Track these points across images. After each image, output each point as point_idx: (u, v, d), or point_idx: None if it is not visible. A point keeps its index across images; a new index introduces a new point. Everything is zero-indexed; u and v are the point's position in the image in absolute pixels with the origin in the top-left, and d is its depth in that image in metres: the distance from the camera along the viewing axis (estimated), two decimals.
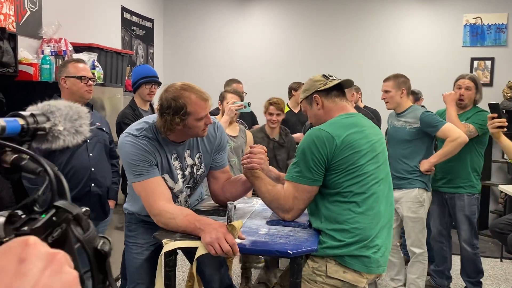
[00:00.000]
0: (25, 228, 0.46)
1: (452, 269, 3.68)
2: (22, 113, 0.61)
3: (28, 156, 0.54)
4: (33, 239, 0.40)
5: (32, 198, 0.50)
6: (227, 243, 1.63)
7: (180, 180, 2.00)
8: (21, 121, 0.59)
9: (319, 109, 1.97)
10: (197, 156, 2.04)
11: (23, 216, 0.49)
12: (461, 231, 3.35)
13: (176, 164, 1.97)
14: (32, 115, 0.61)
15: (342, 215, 1.79)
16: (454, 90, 3.36)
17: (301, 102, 2.08)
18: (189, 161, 2.02)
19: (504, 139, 2.59)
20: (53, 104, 0.66)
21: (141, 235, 2.05)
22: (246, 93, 3.56)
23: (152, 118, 1.96)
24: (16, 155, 0.55)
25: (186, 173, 2.01)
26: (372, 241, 1.79)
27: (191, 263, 2.23)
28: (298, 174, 1.83)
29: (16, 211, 0.51)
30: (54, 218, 0.47)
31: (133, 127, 1.91)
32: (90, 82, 2.63)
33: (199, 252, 1.69)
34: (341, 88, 2.00)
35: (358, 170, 1.78)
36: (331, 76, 2.02)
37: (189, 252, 2.06)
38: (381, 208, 1.84)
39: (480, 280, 3.42)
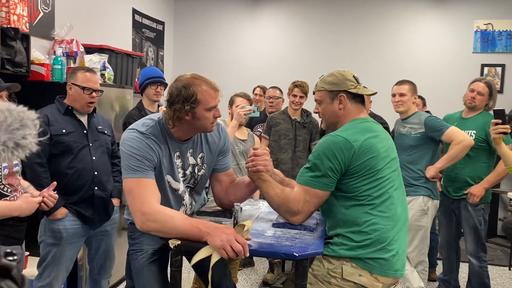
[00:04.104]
0: None
1: (461, 277, 3.65)
2: None
3: None
4: None
5: None
6: (238, 243, 1.60)
7: (181, 179, 1.96)
8: None
9: (340, 109, 1.91)
10: (200, 156, 2.01)
11: None
12: (467, 242, 3.29)
13: (178, 162, 1.94)
14: None
15: (360, 217, 1.77)
16: (467, 91, 3.30)
17: (318, 91, 1.97)
18: (191, 160, 1.98)
19: (504, 146, 2.58)
20: None
21: (146, 241, 1.98)
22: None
23: (158, 115, 1.93)
24: None
25: (187, 172, 1.98)
26: (390, 244, 1.77)
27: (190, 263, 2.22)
28: (312, 179, 1.80)
29: None
30: None
31: (139, 123, 1.88)
32: (93, 94, 2.59)
33: (214, 259, 1.64)
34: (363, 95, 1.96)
35: (376, 174, 1.77)
36: (359, 81, 1.96)
37: (190, 253, 2.03)
38: (398, 211, 1.82)
39: None
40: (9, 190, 2.04)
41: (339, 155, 1.75)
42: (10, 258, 0.38)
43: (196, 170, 2.01)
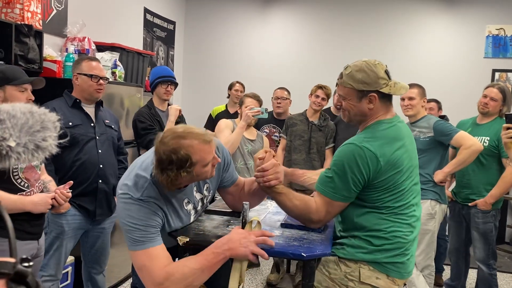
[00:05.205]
0: None
1: (468, 283, 3.62)
2: None
3: None
4: None
5: None
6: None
7: (192, 217, 1.89)
8: None
9: (370, 109, 1.77)
10: (205, 187, 1.92)
11: None
12: (476, 249, 3.26)
13: (190, 207, 1.84)
14: None
15: (378, 224, 1.74)
16: (481, 97, 3.28)
17: (343, 86, 1.80)
18: (198, 196, 1.89)
19: None
20: (4, 110, 0.47)
21: None
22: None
23: (148, 169, 1.66)
24: None
25: (199, 208, 1.91)
26: (408, 248, 1.77)
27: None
28: (334, 190, 1.73)
29: None
30: None
31: (130, 185, 1.63)
32: (101, 81, 2.62)
33: (237, 275, 1.61)
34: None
35: (399, 186, 1.72)
36: (390, 75, 1.80)
37: (197, 250, 2.02)
38: (416, 217, 1.82)
39: None
40: (26, 185, 2.03)
41: (364, 168, 1.67)
42: (26, 264, 0.39)
43: (205, 201, 1.96)
